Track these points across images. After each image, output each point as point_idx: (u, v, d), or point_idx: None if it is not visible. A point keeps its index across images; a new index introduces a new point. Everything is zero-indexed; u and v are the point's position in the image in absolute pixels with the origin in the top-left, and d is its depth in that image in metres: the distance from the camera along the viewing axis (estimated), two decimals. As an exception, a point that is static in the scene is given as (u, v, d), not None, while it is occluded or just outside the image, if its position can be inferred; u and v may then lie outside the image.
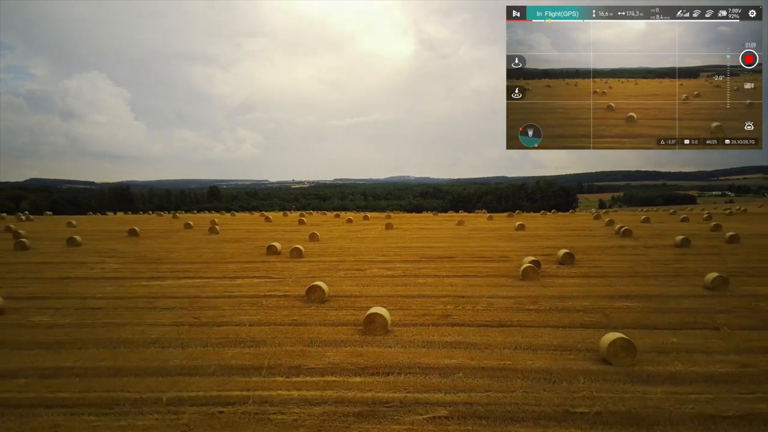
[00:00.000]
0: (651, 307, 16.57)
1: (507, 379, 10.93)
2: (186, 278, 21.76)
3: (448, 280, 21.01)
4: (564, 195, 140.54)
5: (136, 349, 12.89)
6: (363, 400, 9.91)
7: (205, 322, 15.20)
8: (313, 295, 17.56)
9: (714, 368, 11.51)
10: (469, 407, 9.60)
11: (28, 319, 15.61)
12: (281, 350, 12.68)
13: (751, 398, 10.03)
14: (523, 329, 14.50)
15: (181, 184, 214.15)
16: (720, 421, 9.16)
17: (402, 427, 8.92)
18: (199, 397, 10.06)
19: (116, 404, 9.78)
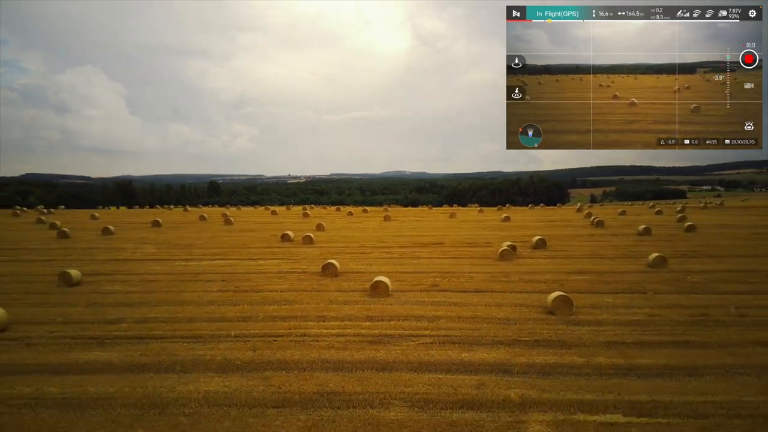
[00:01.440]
0: (598, 279, 20.78)
1: (476, 322, 15.09)
2: (217, 260, 25.83)
3: (437, 261, 25.20)
4: (556, 190, 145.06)
5: (199, 306, 16.98)
6: (372, 335, 14.03)
7: (244, 290, 19.29)
8: (327, 271, 21.67)
9: (630, 317, 15.71)
10: (447, 338, 13.75)
11: (102, 288, 19.65)
12: (309, 306, 16.80)
13: (649, 333, 14.21)
14: (494, 294, 18.66)
15: (176, 179, 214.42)
16: (620, 346, 13.29)
17: (399, 348, 13.05)
18: (256, 332, 14.18)
19: (199, 337, 13.86)
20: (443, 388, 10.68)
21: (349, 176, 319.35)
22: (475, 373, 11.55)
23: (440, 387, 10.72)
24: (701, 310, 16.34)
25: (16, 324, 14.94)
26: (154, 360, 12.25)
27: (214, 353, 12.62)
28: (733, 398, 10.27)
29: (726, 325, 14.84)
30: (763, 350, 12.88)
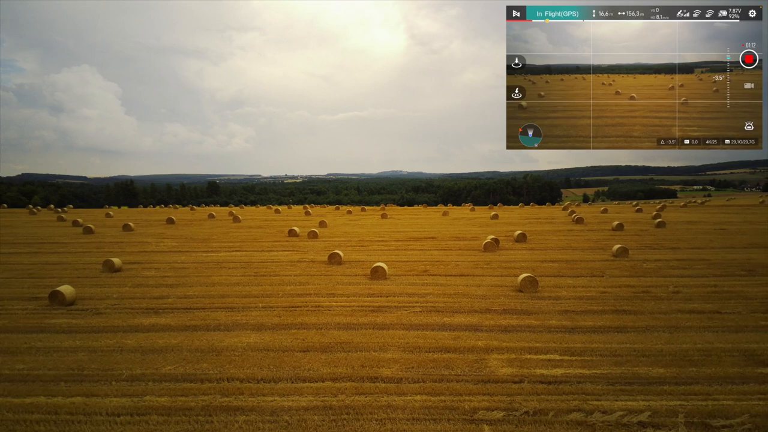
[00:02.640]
0: (566, 266, 24.24)
1: (457, 297, 18.49)
2: (234, 251, 29.14)
3: (429, 252, 28.62)
4: (548, 189, 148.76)
5: (228, 287, 20.31)
6: (373, 306, 17.39)
7: (263, 274, 22.63)
8: (333, 259, 25.02)
9: (584, 293, 19.14)
10: (433, 308, 17.13)
11: (141, 273, 22.94)
12: (320, 287, 20.15)
13: (596, 305, 17.61)
14: (475, 277, 22.07)
15: (173, 179, 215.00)
16: (571, 314, 16.67)
17: (395, 315, 16.39)
18: (279, 304, 17.52)
19: (233, 308, 17.18)
20: (427, 340, 14.06)
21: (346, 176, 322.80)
22: (453, 330, 14.93)
23: (425, 339, 14.10)
24: (644, 288, 19.82)
25: (79, 300, 18.21)
26: (202, 323, 15.58)
27: (248, 319, 15.97)
28: (646, 346, 13.67)
29: (660, 299, 18.30)
30: (682, 316, 16.33)
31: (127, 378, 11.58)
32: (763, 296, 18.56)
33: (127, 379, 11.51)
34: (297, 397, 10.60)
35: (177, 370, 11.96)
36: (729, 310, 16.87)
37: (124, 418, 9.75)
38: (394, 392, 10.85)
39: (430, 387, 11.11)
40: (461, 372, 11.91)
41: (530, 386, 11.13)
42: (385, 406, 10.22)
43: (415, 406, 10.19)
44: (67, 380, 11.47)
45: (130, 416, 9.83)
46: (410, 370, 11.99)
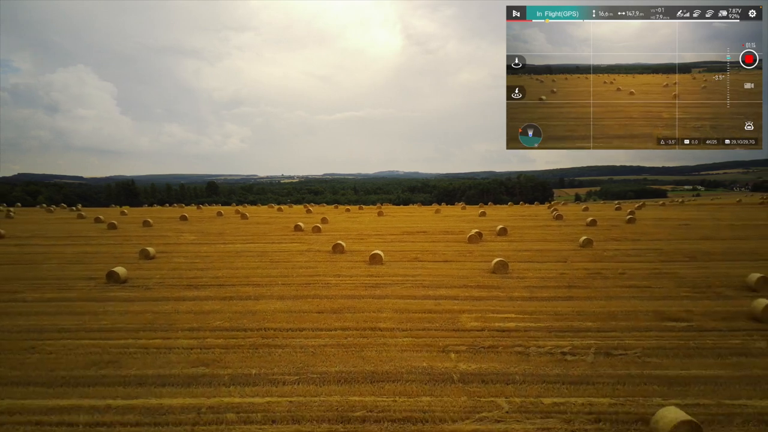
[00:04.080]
0: (537, 254, 28.25)
1: (441, 277, 22.45)
2: (248, 243, 33.03)
3: (420, 243, 32.63)
4: (541, 189, 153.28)
5: (249, 270, 24.20)
6: (372, 282, 21.32)
7: (277, 261, 26.54)
8: (336, 249, 28.94)
9: (546, 274, 23.13)
10: (420, 284, 21.07)
11: (173, 260, 26.77)
12: (327, 270, 24.07)
13: (554, 282, 21.60)
14: (458, 263, 26.04)
15: (170, 179, 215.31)
16: (531, 288, 20.62)
17: (390, 289, 20.31)
18: (295, 282, 21.44)
19: (257, 285, 21.08)
20: (415, 305, 18.00)
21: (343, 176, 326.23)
22: (435, 300, 18.87)
23: (413, 304, 18.04)
24: (597, 270, 23.86)
25: (129, 279, 22.04)
26: (235, 294, 19.48)
27: (272, 292, 19.87)
28: (584, 309, 17.64)
29: (607, 278, 22.32)
30: (620, 289, 20.32)
31: (188, 329, 15.47)
32: (693, 276, 22.62)
33: (189, 329, 15.41)
34: (317, 340, 14.53)
35: (224, 324, 15.87)
36: (659, 285, 20.91)
37: (194, 351, 13.63)
38: (388, 336, 14.80)
39: (415, 333, 15.08)
40: (439, 325, 15.87)
41: (489, 333, 15.11)
42: (381, 344, 14.18)
43: (403, 344, 14.15)
44: (145, 329, 15.39)
45: (199, 350, 13.72)
46: (401, 323, 15.95)
